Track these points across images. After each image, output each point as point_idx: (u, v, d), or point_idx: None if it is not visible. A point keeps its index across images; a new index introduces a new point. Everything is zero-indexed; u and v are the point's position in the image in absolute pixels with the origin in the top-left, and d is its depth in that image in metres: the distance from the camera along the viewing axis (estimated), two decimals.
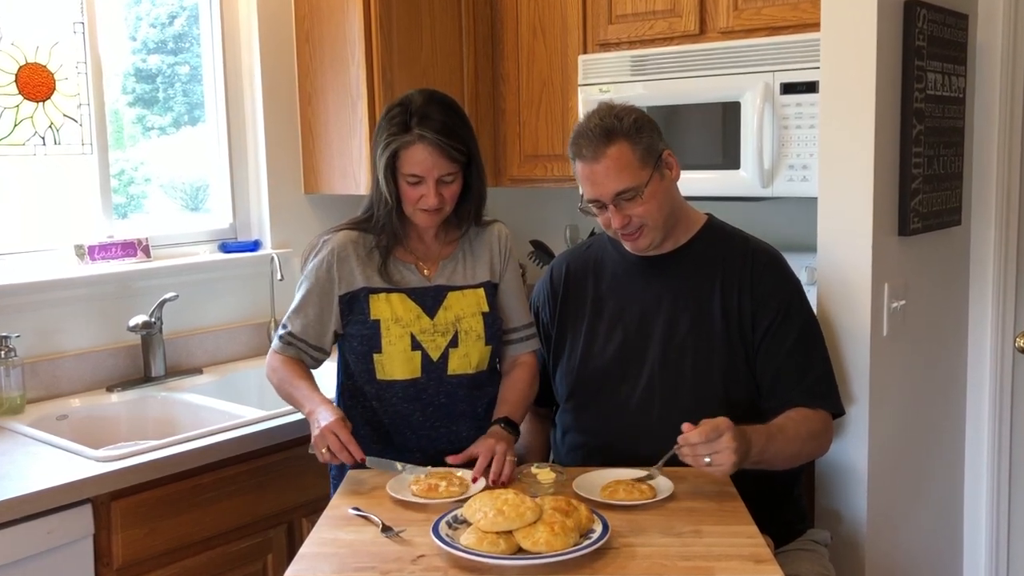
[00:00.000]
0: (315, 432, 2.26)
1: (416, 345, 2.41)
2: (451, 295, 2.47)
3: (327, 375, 2.76)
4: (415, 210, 2.39)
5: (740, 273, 2.44)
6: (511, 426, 2.41)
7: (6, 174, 3.14)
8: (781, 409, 2.35)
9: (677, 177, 2.45)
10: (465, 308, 2.46)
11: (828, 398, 2.43)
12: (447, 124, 2.34)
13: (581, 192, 2.45)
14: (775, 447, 2.21)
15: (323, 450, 2.23)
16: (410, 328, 2.41)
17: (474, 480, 2.22)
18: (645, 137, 2.35)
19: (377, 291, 2.42)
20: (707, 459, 2.05)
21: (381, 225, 2.42)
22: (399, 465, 2.30)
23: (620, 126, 2.33)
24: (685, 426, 2.08)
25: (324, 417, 2.26)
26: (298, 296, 2.47)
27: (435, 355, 2.42)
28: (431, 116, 2.33)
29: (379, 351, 2.41)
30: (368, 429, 2.45)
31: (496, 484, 2.21)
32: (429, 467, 2.29)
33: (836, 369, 2.70)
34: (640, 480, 2.16)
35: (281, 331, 2.48)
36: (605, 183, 2.34)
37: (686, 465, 2.12)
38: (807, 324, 2.45)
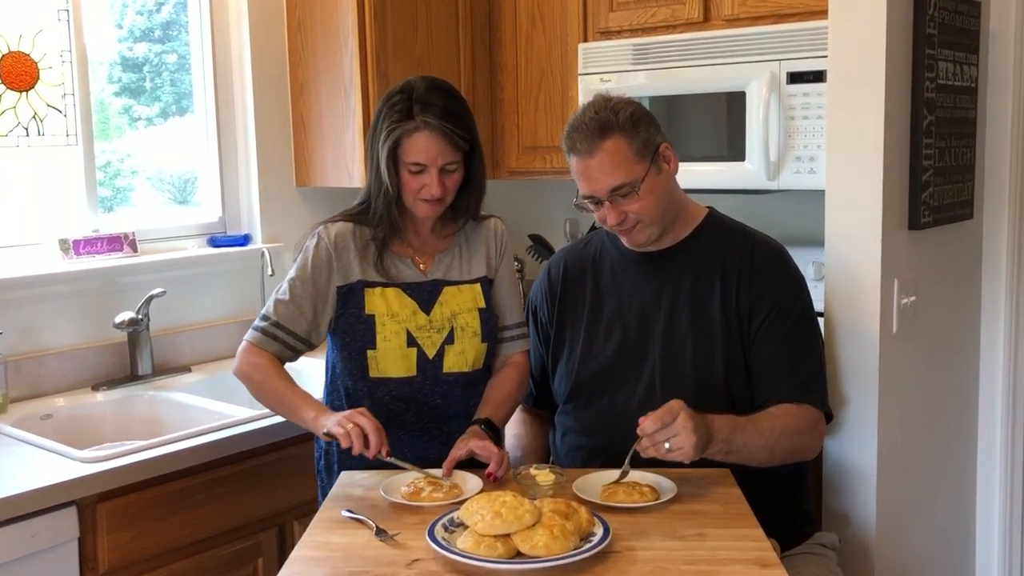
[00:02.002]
0: (333, 418, 2.22)
1: (411, 341, 2.40)
2: (447, 290, 2.46)
3: (310, 373, 2.76)
4: (416, 200, 2.39)
5: (739, 268, 2.44)
6: (491, 428, 2.40)
7: None
8: (767, 404, 2.35)
9: (675, 171, 2.44)
10: (461, 304, 2.46)
11: (816, 395, 2.42)
12: (451, 111, 2.34)
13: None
14: (743, 437, 2.20)
15: (350, 425, 2.18)
16: (406, 324, 2.40)
17: (488, 475, 2.21)
18: (642, 131, 2.35)
19: (373, 285, 2.42)
20: (667, 445, 2.06)
21: (379, 217, 2.41)
22: (420, 472, 2.25)
23: (616, 120, 2.33)
24: (641, 419, 2.08)
25: (340, 412, 2.25)
26: (287, 285, 2.43)
27: (431, 352, 2.42)
28: (434, 102, 2.33)
29: (373, 347, 2.40)
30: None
31: (493, 478, 2.22)
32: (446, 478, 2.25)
33: (844, 366, 2.71)
34: (632, 483, 2.16)
35: (262, 322, 2.43)
36: (600, 178, 2.34)
37: (650, 463, 2.13)
38: (802, 320, 2.44)
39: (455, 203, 2.46)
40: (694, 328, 2.43)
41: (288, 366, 2.46)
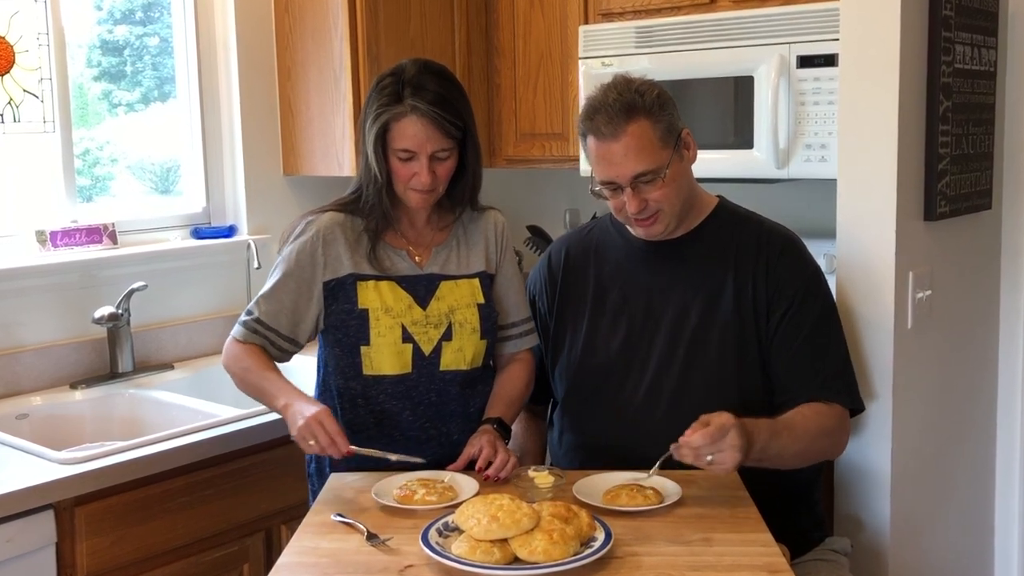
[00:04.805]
0: (298, 423, 2.23)
1: (407, 337, 2.40)
2: (444, 284, 2.46)
3: (303, 372, 2.75)
4: (406, 189, 2.38)
5: (755, 259, 2.43)
6: (503, 428, 2.41)
7: None
8: (794, 403, 2.34)
9: (694, 159, 2.44)
10: (459, 299, 2.45)
11: (845, 393, 2.42)
12: (442, 96, 2.33)
13: (591, 173, 2.42)
14: (779, 444, 2.20)
15: (311, 442, 2.21)
16: (401, 319, 2.39)
17: (477, 470, 2.23)
18: (666, 115, 2.34)
19: (365, 278, 2.41)
20: (709, 457, 2.05)
21: (371, 206, 2.41)
22: (392, 456, 2.27)
23: (642, 102, 2.31)
24: (688, 431, 2.06)
25: (307, 408, 2.25)
26: (271, 280, 2.44)
27: (427, 349, 2.41)
28: (425, 86, 2.32)
29: (367, 343, 2.40)
30: (352, 429, 2.44)
31: (494, 479, 2.23)
32: (422, 460, 2.27)
33: (857, 364, 2.70)
34: (635, 485, 2.16)
35: (245, 317, 2.44)
36: (624, 164, 2.32)
37: (682, 466, 2.12)
38: (825, 312, 2.45)
39: (450, 193, 2.45)
40: (704, 322, 2.42)
41: (280, 366, 2.46)
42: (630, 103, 2.31)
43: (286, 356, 2.48)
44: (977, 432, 3.29)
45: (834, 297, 2.58)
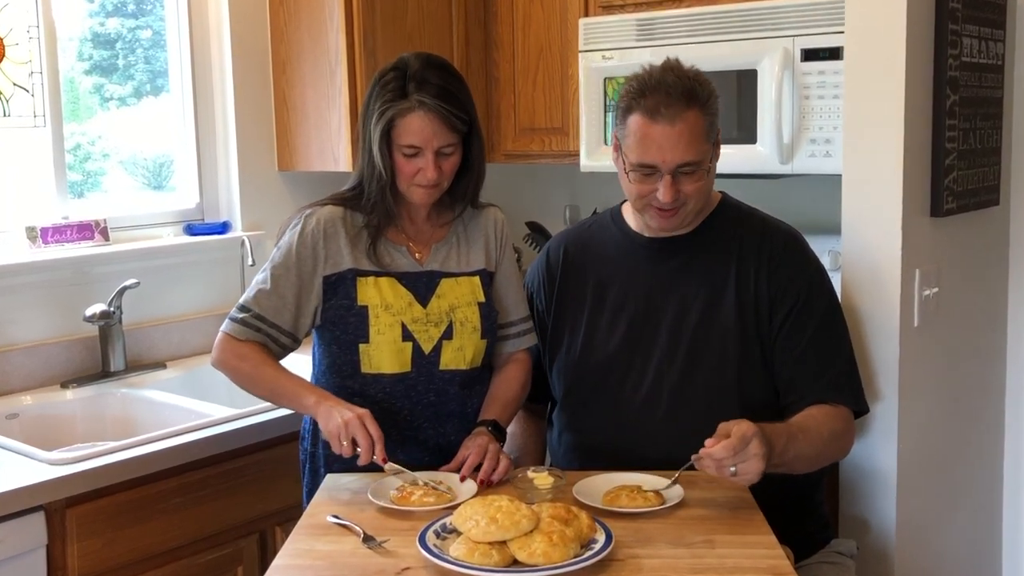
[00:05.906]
0: (335, 420, 2.21)
1: (407, 335, 2.39)
2: (444, 282, 2.45)
3: (298, 370, 2.75)
4: (410, 185, 2.37)
5: (757, 256, 2.43)
6: (498, 431, 2.40)
7: None
8: (800, 406, 2.34)
9: (718, 158, 2.44)
10: (460, 297, 2.45)
11: (851, 394, 2.42)
12: (448, 90, 2.33)
13: (623, 154, 2.38)
14: (796, 449, 2.19)
15: (345, 442, 2.19)
16: (401, 316, 2.39)
17: (462, 479, 2.23)
18: (715, 110, 2.35)
19: (365, 274, 2.41)
20: (732, 469, 2.03)
21: (373, 203, 2.40)
22: (421, 480, 2.23)
23: (702, 92, 2.31)
24: (708, 442, 2.04)
25: (346, 406, 2.25)
26: (269, 274, 2.42)
27: (427, 347, 2.41)
28: (430, 81, 2.32)
29: (366, 341, 2.39)
30: None
31: (487, 483, 2.22)
32: (451, 492, 2.22)
33: (862, 363, 2.70)
34: (636, 486, 2.15)
35: (241, 313, 2.41)
36: (674, 150, 2.29)
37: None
38: (829, 311, 2.44)
39: (452, 189, 2.45)
40: (706, 320, 2.42)
41: None
42: (690, 90, 2.29)
43: (285, 353, 2.46)
44: (985, 432, 3.28)
45: (839, 295, 2.58)
